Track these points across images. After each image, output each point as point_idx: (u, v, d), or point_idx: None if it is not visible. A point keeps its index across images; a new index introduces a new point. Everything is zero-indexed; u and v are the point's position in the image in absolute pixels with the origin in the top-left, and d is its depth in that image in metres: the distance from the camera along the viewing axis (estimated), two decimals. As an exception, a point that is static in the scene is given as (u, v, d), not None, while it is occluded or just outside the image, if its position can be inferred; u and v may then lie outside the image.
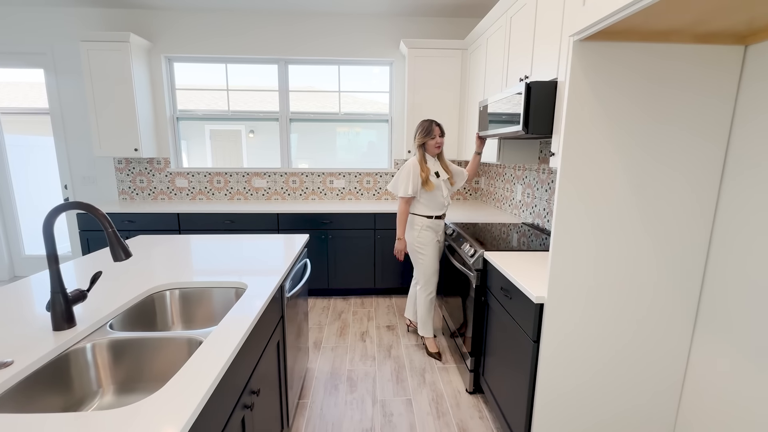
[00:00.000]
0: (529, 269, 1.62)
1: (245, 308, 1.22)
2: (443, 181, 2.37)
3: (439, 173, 2.36)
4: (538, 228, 2.48)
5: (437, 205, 2.40)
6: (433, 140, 2.30)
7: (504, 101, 2.05)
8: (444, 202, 2.42)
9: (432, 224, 2.41)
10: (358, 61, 3.66)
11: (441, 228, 2.48)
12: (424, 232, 2.41)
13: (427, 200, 2.38)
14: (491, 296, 1.84)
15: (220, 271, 1.56)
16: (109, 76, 3.21)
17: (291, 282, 1.71)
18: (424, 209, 2.40)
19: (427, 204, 2.39)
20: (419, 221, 2.41)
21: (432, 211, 2.40)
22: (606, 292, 1.34)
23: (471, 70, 3.19)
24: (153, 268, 1.57)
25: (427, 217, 2.40)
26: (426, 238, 2.41)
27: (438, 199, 2.39)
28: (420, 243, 2.42)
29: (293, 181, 3.78)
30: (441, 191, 2.37)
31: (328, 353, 2.52)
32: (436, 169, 2.36)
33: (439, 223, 2.45)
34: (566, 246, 1.30)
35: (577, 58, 1.21)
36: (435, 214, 2.41)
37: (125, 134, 3.30)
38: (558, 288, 1.32)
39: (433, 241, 2.43)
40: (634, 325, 1.37)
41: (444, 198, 2.40)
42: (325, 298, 3.43)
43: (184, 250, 1.86)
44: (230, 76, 3.66)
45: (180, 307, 1.43)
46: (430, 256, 2.43)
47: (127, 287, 1.36)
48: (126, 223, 3.18)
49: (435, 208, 2.40)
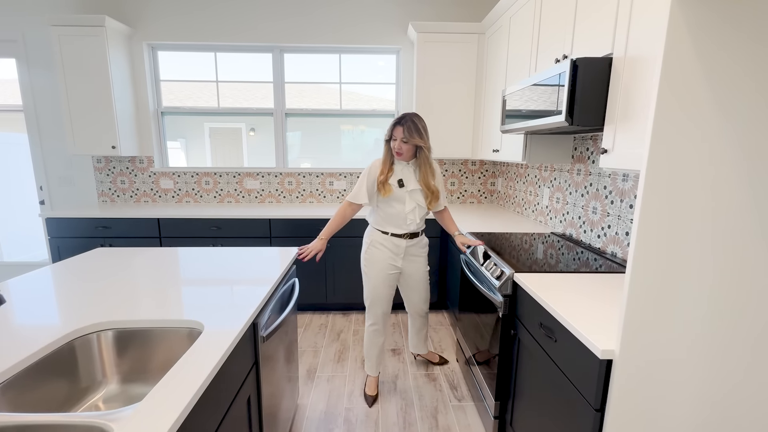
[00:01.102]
0: (577, 300, 1.23)
1: (193, 363, 0.85)
2: (409, 192, 1.86)
3: (403, 182, 1.85)
4: (571, 239, 2.08)
5: (392, 219, 1.90)
6: (394, 141, 1.81)
7: (536, 87, 1.66)
8: (403, 219, 1.88)
9: (386, 242, 1.92)
10: (361, 49, 3.29)
11: (402, 251, 1.94)
12: (374, 250, 1.94)
13: (382, 209, 1.91)
14: (524, 330, 1.45)
15: (175, 302, 1.19)
16: (83, 65, 2.87)
17: (271, 313, 1.34)
18: (379, 220, 1.94)
19: (381, 214, 1.92)
20: (371, 234, 1.96)
21: (387, 226, 1.92)
22: (712, 347, 0.95)
23: (489, 57, 2.80)
24: (88, 300, 1.21)
25: (381, 232, 1.94)
26: (374, 256, 1.94)
27: (394, 212, 1.88)
28: (366, 260, 1.97)
29: (289, 182, 3.42)
30: (401, 204, 1.87)
31: (323, 385, 2.15)
32: (402, 176, 1.85)
33: (399, 243, 1.92)
34: (651, 282, 0.91)
35: (680, 11, 0.82)
36: (391, 231, 1.92)
37: (102, 130, 2.97)
38: (637, 340, 0.94)
39: (383, 264, 1.93)
40: (759, 395, 0.98)
41: (404, 214, 1.87)
42: (323, 313, 3.07)
43: (138, 272, 1.50)
44: (221, 68, 3.31)
45: (115, 356, 1.07)
46: (375, 280, 1.95)
47: (40, 330, 1.01)
48: (100, 230, 2.84)
49: (390, 222, 1.91)
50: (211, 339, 0.98)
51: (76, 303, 1.18)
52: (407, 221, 1.89)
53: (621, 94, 1.32)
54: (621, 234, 1.75)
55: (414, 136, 1.77)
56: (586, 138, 2.03)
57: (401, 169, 1.87)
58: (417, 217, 1.91)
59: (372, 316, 2.02)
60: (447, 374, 2.27)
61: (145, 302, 1.19)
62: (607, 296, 1.28)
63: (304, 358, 2.42)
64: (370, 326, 2.05)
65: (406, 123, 1.77)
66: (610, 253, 1.81)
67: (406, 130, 1.77)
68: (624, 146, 1.31)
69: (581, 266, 1.61)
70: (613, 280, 1.45)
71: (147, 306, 1.16)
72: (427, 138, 1.82)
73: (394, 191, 1.84)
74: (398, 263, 1.96)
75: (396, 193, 1.85)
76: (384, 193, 1.83)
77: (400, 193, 1.85)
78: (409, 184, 1.86)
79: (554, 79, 1.50)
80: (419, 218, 1.92)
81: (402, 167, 1.87)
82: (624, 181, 1.73)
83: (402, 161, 1.86)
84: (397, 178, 1.85)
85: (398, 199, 1.86)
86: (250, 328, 1.17)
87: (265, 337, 1.22)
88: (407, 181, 1.86)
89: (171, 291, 1.28)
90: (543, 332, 1.27)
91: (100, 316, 1.08)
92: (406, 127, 1.77)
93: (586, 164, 2.03)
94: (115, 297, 1.22)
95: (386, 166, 1.85)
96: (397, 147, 1.80)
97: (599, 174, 1.92)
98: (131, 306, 1.16)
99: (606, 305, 1.20)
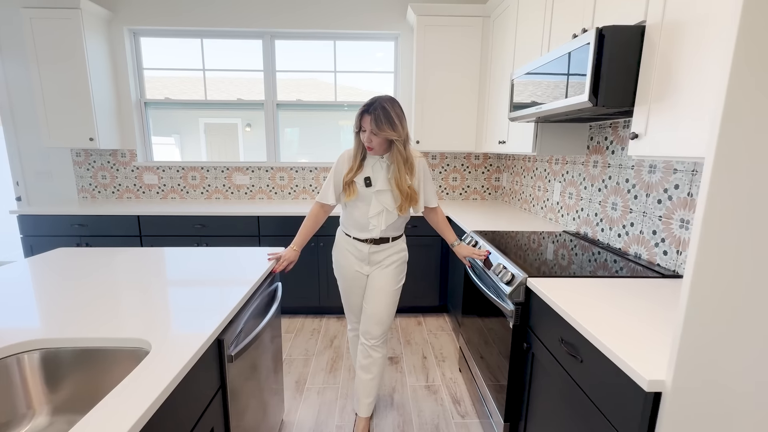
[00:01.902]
0: (606, 312, 1.03)
1: (130, 393, 0.66)
2: (375, 193, 1.53)
3: (371, 181, 1.54)
4: (587, 239, 1.88)
5: (354, 221, 1.60)
6: (363, 133, 1.48)
7: (553, 64, 1.46)
8: (366, 223, 1.57)
9: (349, 245, 1.64)
10: (357, 35, 3.08)
11: (365, 256, 1.62)
12: (338, 254, 1.70)
13: (348, 209, 1.62)
14: (539, 345, 1.26)
15: (125, 314, 1.00)
16: (57, 52, 2.67)
17: (245, 325, 1.14)
18: (344, 220, 1.68)
19: (347, 214, 1.64)
20: (338, 235, 1.72)
21: (349, 227, 1.64)
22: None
23: (495, 41, 2.59)
24: (15, 314, 1.01)
25: (345, 233, 1.67)
26: (339, 261, 1.69)
27: (357, 214, 1.58)
28: (334, 263, 1.74)
29: (281, 177, 3.21)
30: (365, 205, 1.56)
31: (313, 398, 1.96)
32: (371, 173, 1.54)
33: (362, 248, 1.61)
34: (717, 296, 0.71)
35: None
36: (354, 235, 1.62)
37: (78, 121, 2.76)
38: (696, 369, 0.73)
39: (347, 269, 1.66)
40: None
41: (367, 218, 1.56)
42: (315, 317, 2.87)
43: (93, 276, 1.30)
44: (209, 59, 3.10)
45: (43, 382, 0.87)
46: (342, 286, 1.72)
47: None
48: (76, 228, 2.65)
49: (352, 224, 1.62)
50: (158, 362, 0.78)
51: (4, 319, 0.98)
52: (369, 226, 1.57)
53: (657, 67, 1.11)
54: (647, 233, 1.55)
55: (384, 128, 1.42)
56: (604, 126, 1.83)
57: (372, 165, 1.55)
58: (382, 223, 1.56)
59: (349, 322, 1.85)
60: (449, 386, 2.07)
61: (87, 315, 0.99)
62: (640, 307, 1.08)
63: (293, 367, 2.22)
64: (349, 331, 1.88)
65: (375, 111, 1.42)
66: (634, 255, 1.61)
67: (374, 120, 1.42)
68: (660, 129, 1.10)
69: (600, 269, 1.41)
70: (642, 286, 1.25)
71: (88, 320, 0.96)
72: (402, 128, 1.47)
73: (359, 192, 1.54)
74: (364, 270, 1.65)
75: (361, 193, 1.54)
76: (348, 195, 1.53)
77: (365, 194, 1.54)
78: (377, 183, 1.53)
79: (575, 55, 1.30)
80: (385, 224, 1.57)
81: (374, 162, 1.55)
82: (651, 173, 1.53)
83: (373, 155, 1.55)
84: (364, 176, 1.54)
85: (363, 200, 1.56)
86: (214, 346, 0.97)
87: (234, 356, 1.03)
88: (375, 179, 1.54)
89: (124, 300, 1.08)
90: (564, 349, 1.07)
91: (25, 334, 0.88)
92: (375, 116, 1.42)
93: (604, 155, 1.83)
94: (53, 309, 1.03)
95: (356, 161, 1.54)
96: (366, 140, 1.47)
97: (620, 166, 1.72)
98: (69, 320, 0.96)
99: (641, 319, 1.00)
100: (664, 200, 1.46)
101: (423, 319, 2.86)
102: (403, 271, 1.71)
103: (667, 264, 1.44)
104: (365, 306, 1.67)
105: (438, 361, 2.30)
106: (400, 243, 1.69)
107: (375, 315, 1.64)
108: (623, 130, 1.70)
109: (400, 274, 1.69)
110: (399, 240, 1.68)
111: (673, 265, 1.41)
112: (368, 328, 1.66)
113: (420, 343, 2.50)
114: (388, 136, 1.44)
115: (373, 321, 1.64)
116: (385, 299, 1.64)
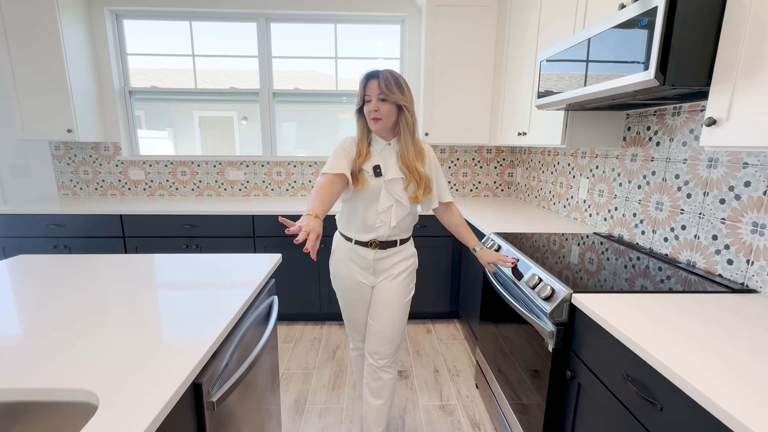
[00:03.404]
0: (682, 337, 0.81)
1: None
2: (386, 182, 1.32)
3: (380, 170, 1.32)
4: (623, 242, 1.66)
5: (357, 218, 1.36)
6: (368, 104, 1.28)
7: (600, 38, 1.22)
8: (373, 220, 1.34)
9: (350, 252, 1.40)
10: (359, 18, 2.83)
11: (370, 264, 1.39)
12: (336, 263, 1.45)
13: (351, 204, 1.37)
14: (589, 376, 1.04)
15: (72, 352, 0.77)
16: (29, 34, 2.41)
17: (230, 357, 0.92)
18: (344, 221, 1.42)
19: (349, 209, 1.38)
20: (336, 241, 1.46)
21: (350, 228, 1.39)
22: None
23: (514, 22, 2.35)
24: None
25: (345, 238, 1.42)
26: (338, 272, 1.45)
27: (361, 209, 1.34)
28: (332, 275, 1.49)
29: (277, 172, 2.98)
30: (373, 199, 1.33)
31: (314, 421, 1.74)
32: (380, 161, 1.33)
33: (365, 255, 1.38)
34: None
35: None
36: (356, 238, 1.38)
37: (54, 111, 2.52)
38: None
39: (349, 281, 1.43)
40: None
41: (375, 214, 1.34)
42: (317, 324, 2.65)
43: (41, 297, 1.08)
44: (199, 45, 2.85)
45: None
46: (342, 301, 1.49)
47: None
48: (52, 228, 2.41)
49: (354, 223, 1.38)
50: (107, 426, 0.56)
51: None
52: (376, 223, 1.34)
53: (747, 34, 0.88)
54: (704, 238, 1.33)
55: (394, 90, 1.24)
56: (646, 114, 1.60)
57: (380, 152, 1.34)
58: (392, 218, 1.34)
59: (352, 340, 1.60)
60: (466, 405, 1.86)
61: (19, 353, 0.76)
62: (729, 335, 0.86)
63: (292, 383, 2.01)
64: (352, 350, 1.64)
65: (382, 73, 1.26)
66: (686, 262, 1.39)
67: (382, 82, 1.24)
68: (749, 113, 0.88)
69: (649, 279, 1.19)
70: (715, 304, 1.03)
71: (19, 361, 0.73)
72: (410, 95, 1.30)
73: (369, 183, 1.30)
74: (368, 281, 1.43)
75: (370, 185, 1.30)
76: (357, 185, 1.29)
77: (375, 185, 1.31)
78: (387, 171, 1.32)
79: (633, 25, 1.07)
80: (396, 220, 1.34)
81: (381, 149, 1.34)
82: (711, 168, 1.30)
83: (382, 140, 1.34)
84: (373, 164, 1.32)
85: (371, 193, 1.32)
86: (189, 394, 0.75)
87: (216, 402, 0.80)
88: (386, 167, 1.32)
89: (72, 330, 0.86)
90: (633, 389, 0.86)
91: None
92: (383, 77, 1.25)
93: (646, 147, 1.60)
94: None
95: (363, 146, 1.32)
96: (373, 108, 1.26)
97: (667, 159, 1.49)
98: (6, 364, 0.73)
99: (738, 352, 0.78)
100: (730, 200, 1.24)
101: (432, 326, 2.64)
102: (413, 280, 1.49)
103: (732, 275, 1.22)
104: (371, 322, 1.44)
105: (452, 375, 2.09)
106: (410, 247, 1.46)
107: (383, 333, 1.42)
108: (672, 119, 1.47)
109: (410, 285, 1.46)
110: (408, 243, 1.45)
111: (742, 277, 1.19)
112: (376, 348, 1.44)
113: (431, 354, 2.29)
114: (398, 101, 1.26)
115: (381, 339, 1.43)
116: (395, 315, 1.42)
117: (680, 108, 1.43)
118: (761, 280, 1.13)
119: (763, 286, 1.13)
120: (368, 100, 1.27)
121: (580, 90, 1.33)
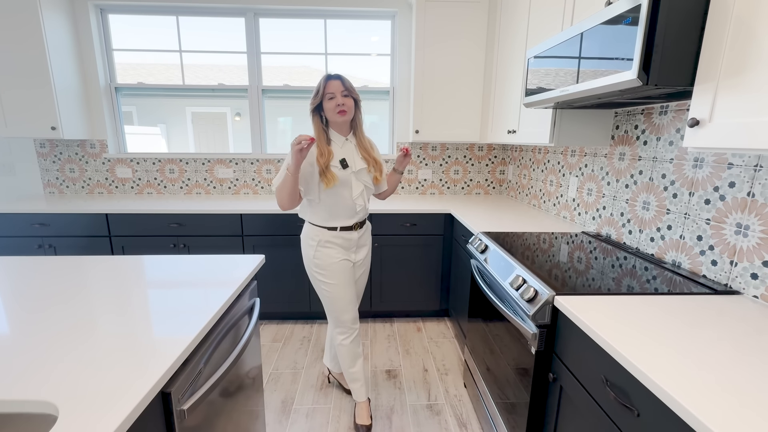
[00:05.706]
0: (666, 343, 0.81)
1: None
2: (354, 173, 1.51)
3: (347, 162, 1.49)
4: (610, 241, 1.66)
5: (342, 209, 1.54)
6: (331, 100, 1.43)
7: (585, 36, 1.21)
8: (352, 206, 1.55)
9: (336, 238, 1.57)
10: (349, 13, 2.79)
11: (354, 244, 1.62)
12: (324, 250, 1.57)
13: (326, 202, 1.53)
14: (571, 380, 1.03)
15: (30, 361, 0.75)
16: (10, 29, 2.36)
17: (208, 361, 0.90)
18: (323, 215, 1.55)
19: (326, 207, 1.54)
20: (315, 233, 1.57)
21: (334, 220, 1.55)
22: None
23: (504, 18, 2.33)
24: None
25: (327, 229, 1.56)
26: (327, 258, 1.57)
27: (340, 200, 1.52)
28: (318, 266, 1.58)
29: (267, 170, 2.95)
30: (347, 188, 1.51)
31: (301, 423, 1.73)
32: (344, 154, 1.50)
33: (351, 237, 1.59)
34: None
35: None
36: (340, 225, 1.56)
37: (38, 108, 2.47)
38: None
39: (340, 263, 1.59)
40: None
41: (351, 201, 1.53)
42: (305, 323, 2.64)
43: (5, 300, 1.05)
44: (186, 40, 2.80)
45: None
46: (336, 286, 1.59)
47: None
48: (36, 228, 2.37)
49: (339, 214, 1.55)
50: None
51: None
52: (356, 208, 1.56)
53: (730, 35, 0.87)
54: (689, 238, 1.32)
55: (353, 89, 1.47)
56: (634, 113, 1.59)
57: (340, 147, 1.52)
58: (365, 201, 1.59)
59: (345, 328, 1.65)
60: (454, 405, 1.86)
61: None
62: (712, 339, 0.85)
63: (280, 383, 2.00)
64: (344, 339, 1.66)
65: (340, 75, 1.46)
66: (671, 262, 1.39)
67: (346, 81, 1.45)
68: (731, 114, 0.87)
69: (634, 279, 1.18)
70: (699, 305, 1.02)
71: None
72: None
73: (338, 177, 1.47)
74: (352, 257, 1.65)
75: (341, 177, 1.48)
76: (328, 183, 1.44)
77: (344, 177, 1.49)
78: (353, 163, 1.52)
79: (616, 23, 1.05)
80: (367, 201, 1.61)
81: (341, 144, 1.52)
82: (697, 168, 1.29)
83: (340, 136, 1.52)
84: (338, 159, 1.49)
85: (344, 185, 1.50)
86: (156, 403, 0.73)
87: (188, 411, 0.79)
88: (351, 160, 1.52)
89: (34, 337, 0.83)
90: (612, 394, 0.85)
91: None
92: (344, 78, 1.46)
93: (634, 146, 1.59)
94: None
95: (323, 145, 1.47)
96: (340, 102, 1.43)
97: (654, 159, 1.48)
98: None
99: (722, 358, 0.78)
100: (714, 200, 1.23)
101: (423, 324, 2.64)
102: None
103: (716, 276, 1.22)
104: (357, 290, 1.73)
105: (440, 374, 2.09)
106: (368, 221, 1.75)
107: (359, 295, 1.77)
108: (659, 117, 1.46)
109: (370, 251, 1.78)
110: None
111: (725, 278, 1.19)
112: (356, 314, 1.68)
113: (420, 353, 2.29)
114: (357, 97, 1.49)
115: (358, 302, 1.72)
116: (366, 276, 1.78)
117: (667, 107, 1.42)
118: (744, 281, 1.13)
119: (746, 287, 1.12)
120: (331, 97, 1.44)
121: (566, 89, 1.31)
